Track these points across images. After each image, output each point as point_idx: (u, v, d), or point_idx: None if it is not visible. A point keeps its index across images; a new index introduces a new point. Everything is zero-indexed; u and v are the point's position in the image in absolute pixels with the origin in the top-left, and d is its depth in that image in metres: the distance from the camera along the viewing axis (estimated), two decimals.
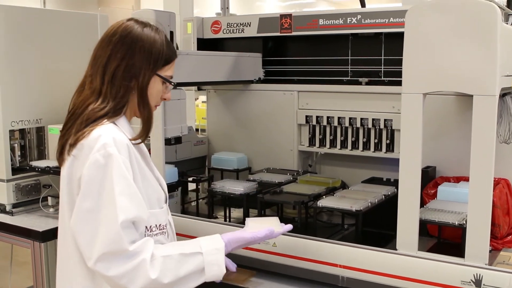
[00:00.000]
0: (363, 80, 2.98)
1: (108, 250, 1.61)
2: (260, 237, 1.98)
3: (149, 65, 1.78)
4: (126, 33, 1.79)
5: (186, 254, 1.75)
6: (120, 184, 1.63)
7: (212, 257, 1.79)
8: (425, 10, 1.97)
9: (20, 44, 3.13)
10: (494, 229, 2.26)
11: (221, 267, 1.80)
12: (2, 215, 3.12)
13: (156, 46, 1.79)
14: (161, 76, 1.81)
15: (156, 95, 1.83)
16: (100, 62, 1.78)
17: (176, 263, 1.71)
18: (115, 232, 1.60)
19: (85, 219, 1.64)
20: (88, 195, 1.64)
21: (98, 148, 1.65)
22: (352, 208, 2.35)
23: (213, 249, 1.80)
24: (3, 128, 3.07)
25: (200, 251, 1.77)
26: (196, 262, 1.75)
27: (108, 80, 1.76)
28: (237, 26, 3.26)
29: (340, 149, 3.01)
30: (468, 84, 1.90)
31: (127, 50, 1.77)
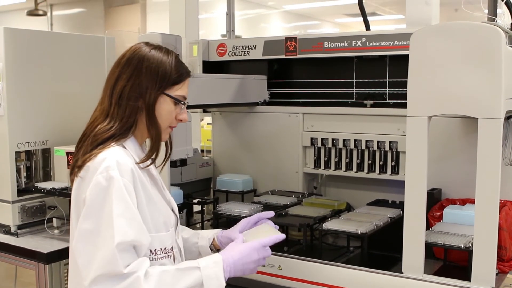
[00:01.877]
0: (368, 102, 2.98)
1: (103, 272, 1.60)
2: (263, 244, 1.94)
3: (155, 84, 1.79)
4: (134, 54, 1.83)
5: (183, 269, 1.72)
6: (119, 206, 1.64)
7: (210, 270, 1.75)
8: (430, 33, 1.98)
9: (27, 67, 3.15)
10: (501, 252, 2.24)
11: (220, 280, 1.76)
12: (7, 237, 3.11)
13: (163, 66, 1.81)
14: (170, 96, 1.82)
15: (166, 115, 1.84)
16: (109, 84, 1.83)
17: (172, 278, 1.69)
18: (111, 254, 1.60)
19: (84, 239, 1.65)
20: (89, 216, 1.65)
21: (101, 171, 1.67)
22: (357, 230, 2.34)
23: (210, 263, 1.77)
24: (9, 149, 3.08)
25: (198, 266, 1.74)
26: (193, 277, 1.72)
27: (115, 100, 1.79)
28: (243, 48, 3.28)
29: (345, 171, 3.01)
30: (473, 107, 1.90)
31: (133, 70, 1.80)
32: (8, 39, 3.05)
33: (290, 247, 2.63)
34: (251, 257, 1.88)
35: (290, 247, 2.63)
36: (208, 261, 1.78)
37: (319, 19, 17.60)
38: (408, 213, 2.07)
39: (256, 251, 1.89)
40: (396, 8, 13.96)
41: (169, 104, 1.83)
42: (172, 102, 1.83)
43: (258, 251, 1.90)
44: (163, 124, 1.84)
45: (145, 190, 1.77)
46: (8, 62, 3.06)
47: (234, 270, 1.83)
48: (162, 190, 1.91)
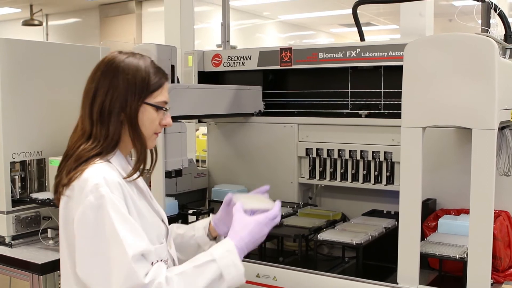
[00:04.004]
0: (363, 112, 2.99)
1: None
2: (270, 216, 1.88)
3: (134, 95, 1.75)
4: (108, 66, 1.78)
5: (200, 265, 1.70)
6: (119, 221, 1.62)
7: (227, 260, 1.73)
8: (424, 44, 2.00)
9: (22, 77, 3.16)
10: (496, 262, 2.25)
11: (238, 266, 1.74)
12: (1, 247, 3.10)
13: (140, 75, 1.76)
14: (151, 104, 1.78)
15: (150, 124, 1.80)
16: (86, 101, 1.78)
17: (192, 277, 1.67)
18: (128, 268, 1.58)
19: (93, 263, 1.62)
20: (90, 239, 1.62)
21: (91, 190, 1.63)
22: (352, 241, 2.34)
23: (224, 252, 1.74)
24: (4, 160, 3.08)
25: (213, 258, 1.72)
26: (212, 270, 1.70)
27: (96, 118, 1.74)
28: (238, 59, 3.29)
29: (340, 181, 3.01)
30: (467, 118, 1.91)
31: (110, 83, 1.75)
32: (3, 49, 3.05)
33: (285, 258, 2.62)
34: (261, 232, 1.85)
35: (285, 258, 2.63)
36: (221, 250, 1.75)
37: (314, 29, 17.67)
38: (403, 223, 2.07)
39: (265, 226, 1.85)
40: (391, 18, 14.03)
41: (151, 112, 1.79)
42: (154, 110, 1.79)
43: (267, 225, 1.86)
44: (147, 133, 1.81)
45: (135, 204, 1.75)
46: (3, 73, 3.06)
47: (247, 249, 1.81)
48: (150, 201, 1.88)
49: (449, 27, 12.02)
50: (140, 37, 13.50)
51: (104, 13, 14.14)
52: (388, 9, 12.42)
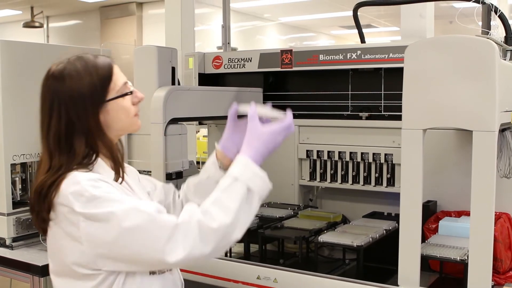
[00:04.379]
0: (363, 114, 2.99)
1: (166, 239, 1.57)
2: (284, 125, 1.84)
3: (89, 111, 1.70)
4: (49, 89, 1.75)
5: (225, 188, 1.67)
6: (119, 197, 1.62)
7: (248, 173, 1.70)
8: (425, 46, 2.00)
9: (22, 79, 3.16)
10: (496, 264, 2.25)
11: (261, 175, 1.71)
12: (2, 249, 3.10)
13: (85, 83, 1.70)
14: (114, 98, 1.74)
15: (125, 112, 1.78)
16: (44, 136, 1.76)
17: (224, 201, 1.65)
18: (159, 221, 1.58)
19: (123, 240, 1.59)
20: (105, 229, 1.59)
21: (74, 198, 1.60)
22: (353, 243, 2.34)
23: (242, 168, 1.71)
24: (4, 161, 3.08)
25: (234, 177, 1.69)
26: (238, 188, 1.67)
27: (55, 149, 1.71)
28: (238, 61, 3.29)
29: (341, 183, 3.01)
30: (467, 120, 1.91)
31: (58, 109, 1.71)
32: (4, 51, 3.05)
33: (286, 260, 2.63)
34: (275, 141, 1.81)
35: (286, 260, 2.63)
36: (239, 167, 1.72)
37: (314, 31, 17.68)
38: (403, 225, 2.07)
39: (279, 135, 1.81)
40: (391, 20, 14.04)
41: (120, 102, 1.76)
42: (119, 100, 1.76)
43: (281, 134, 1.82)
44: (128, 121, 1.79)
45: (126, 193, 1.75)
46: (4, 74, 3.06)
47: (262, 159, 1.78)
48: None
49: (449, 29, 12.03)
50: (141, 39, 13.51)
51: (104, 15, 14.15)
52: (389, 11, 12.43)
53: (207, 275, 2.51)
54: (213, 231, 1.60)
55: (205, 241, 1.59)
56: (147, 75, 2.69)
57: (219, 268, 2.49)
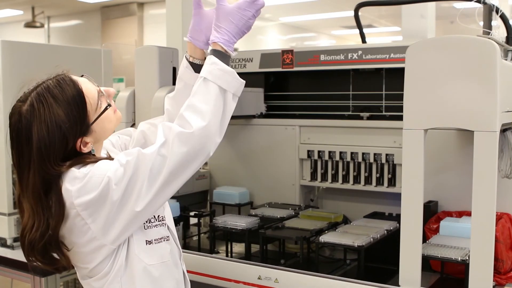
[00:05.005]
0: (364, 115, 2.99)
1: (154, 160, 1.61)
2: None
3: (72, 137, 1.68)
4: (26, 134, 1.66)
5: (196, 90, 1.69)
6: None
7: (216, 72, 1.70)
8: (426, 47, 1.99)
9: (24, 79, 3.15)
10: (498, 264, 2.24)
11: (229, 70, 1.72)
12: (3, 249, 3.10)
13: (62, 119, 1.66)
14: (97, 118, 1.74)
15: (108, 124, 1.79)
16: (24, 188, 1.67)
17: (198, 104, 1.66)
18: (152, 152, 1.62)
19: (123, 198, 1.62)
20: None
21: (67, 181, 1.64)
22: (354, 243, 2.34)
23: (209, 67, 1.71)
24: (5, 162, 3.08)
25: (202, 77, 1.70)
26: (209, 88, 1.69)
27: (37, 200, 1.65)
28: (239, 61, 3.29)
29: (342, 183, 3.01)
30: (469, 120, 1.91)
31: (36, 154, 1.63)
32: (5, 51, 3.06)
33: (286, 260, 2.62)
34: (245, 17, 1.77)
35: (287, 260, 2.63)
36: (206, 67, 1.72)
37: (315, 31, 17.68)
38: (404, 225, 2.07)
39: (246, 10, 1.78)
40: (392, 20, 14.03)
41: (104, 117, 1.76)
42: (102, 117, 1.76)
43: (249, 8, 1.78)
44: (113, 123, 1.81)
45: None
46: (5, 75, 3.06)
47: (236, 39, 1.78)
48: None
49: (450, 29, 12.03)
50: (142, 39, 13.52)
51: (105, 15, 14.15)
52: (390, 11, 12.42)
53: (208, 275, 2.51)
54: (190, 135, 1.62)
55: (185, 147, 1.62)
56: (148, 75, 2.70)
57: (220, 268, 2.49)
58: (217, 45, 1.76)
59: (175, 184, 1.66)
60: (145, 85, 2.72)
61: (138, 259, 1.74)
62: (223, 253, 2.80)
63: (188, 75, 2.00)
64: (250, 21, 1.79)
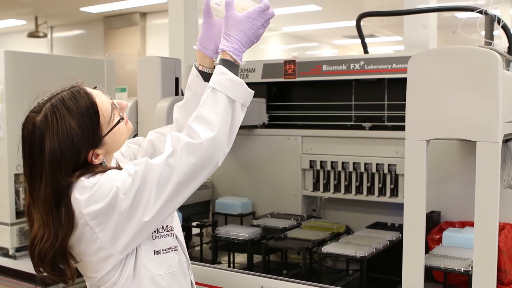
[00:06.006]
0: (367, 125, 3.00)
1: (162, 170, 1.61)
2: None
3: (86, 147, 1.68)
4: (39, 146, 1.68)
5: (205, 101, 1.68)
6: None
7: (224, 81, 1.69)
8: (428, 57, 2.00)
9: (27, 89, 3.16)
10: (500, 275, 2.24)
11: (237, 80, 1.72)
12: (5, 259, 3.10)
13: (75, 132, 1.66)
14: (110, 131, 1.74)
15: (120, 137, 1.79)
16: (35, 198, 1.68)
17: (207, 114, 1.65)
18: (159, 163, 1.62)
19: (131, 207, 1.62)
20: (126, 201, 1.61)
21: (76, 190, 1.64)
22: (356, 254, 2.34)
23: (218, 77, 1.70)
24: (8, 171, 3.09)
25: (211, 87, 1.68)
26: (217, 98, 1.67)
27: (50, 208, 1.65)
28: (242, 71, 3.30)
29: (344, 193, 3.01)
30: (471, 130, 1.91)
31: (53, 170, 1.64)
32: (8, 61, 3.07)
33: (289, 271, 2.62)
34: (254, 26, 1.77)
35: (289, 271, 2.62)
36: (215, 77, 1.71)
37: (317, 41, 17.71)
38: (407, 236, 2.06)
39: (256, 19, 1.78)
40: (394, 30, 14.05)
41: (115, 130, 1.76)
42: (114, 130, 1.76)
43: (259, 17, 1.78)
44: (125, 136, 1.82)
45: None
46: (9, 85, 3.08)
47: (245, 48, 1.78)
48: None
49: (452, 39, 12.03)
50: (144, 49, 13.55)
51: (108, 25, 14.19)
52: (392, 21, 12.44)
53: (211, 286, 2.51)
54: (198, 146, 1.62)
55: (194, 158, 1.61)
56: (151, 85, 2.70)
57: (223, 278, 2.49)
58: (226, 54, 1.76)
59: (183, 194, 1.66)
60: (147, 95, 2.73)
61: (146, 269, 1.74)
62: (225, 263, 2.79)
63: (197, 84, 2.00)
64: (260, 31, 1.79)
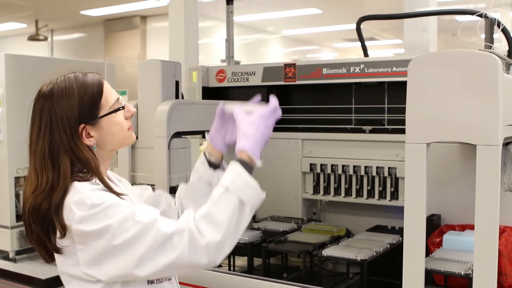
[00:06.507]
0: (367, 128, 3.00)
1: (151, 247, 1.60)
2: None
3: (68, 130, 1.71)
4: (38, 109, 1.76)
5: (217, 200, 1.67)
6: (120, 205, 1.64)
7: (239, 182, 1.70)
8: (428, 61, 2.00)
9: (27, 92, 3.14)
10: (501, 278, 2.23)
11: (252, 184, 1.72)
12: (5, 262, 3.10)
13: (72, 103, 1.73)
14: (106, 114, 1.78)
15: (120, 127, 1.81)
16: (31, 154, 1.74)
17: (215, 214, 1.64)
18: (156, 229, 1.61)
19: (116, 253, 1.61)
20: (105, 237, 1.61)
21: (78, 207, 1.63)
22: (357, 257, 2.34)
23: (233, 176, 1.72)
24: (8, 175, 3.09)
25: (225, 187, 1.69)
26: (229, 199, 1.67)
27: (41, 167, 1.69)
28: (242, 75, 3.30)
29: (345, 197, 3.01)
30: (471, 134, 1.91)
31: (45, 128, 1.71)
32: (9, 65, 3.07)
33: (289, 274, 2.62)
34: (267, 125, 1.86)
35: (290, 274, 2.62)
36: (230, 176, 1.72)
37: (317, 44, 17.74)
38: (407, 239, 2.06)
39: (268, 118, 1.87)
40: (394, 33, 14.07)
41: (114, 118, 1.80)
42: (112, 116, 1.79)
43: (270, 117, 1.87)
44: (121, 136, 1.82)
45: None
46: (9, 88, 3.08)
47: (261, 146, 1.84)
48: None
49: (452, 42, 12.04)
50: (145, 52, 13.57)
51: (108, 28, 14.22)
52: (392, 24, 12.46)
53: None
54: (202, 247, 1.61)
55: (194, 255, 1.61)
56: (151, 89, 2.70)
57: (223, 282, 2.49)
58: (244, 153, 1.80)
59: (169, 273, 1.72)
60: (148, 98, 2.73)
61: None
62: (226, 266, 2.79)
63: (203, 169, 2.06)
64: (271, 130, 1.88)
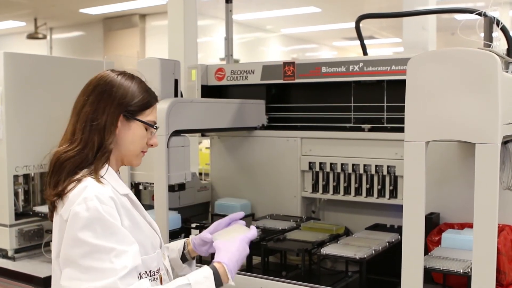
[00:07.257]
0: (366, 126, 3.00)
1: None
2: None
3: (113, 107, 1.81)
4: (99, 81, 1.87)
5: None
6: (108, 237, 1.64)
7: (202, 286, 1.75)
8: (427, 59, 2.00)
9: (26, 91, 3.17)
10: (500, 276, 2.24)
11: None
12: (4, 261, 3.10)
13: (125, 90, 1.84)
14: (141, 121, 1.85)
15: (139, 140, 1.87)
16: (74, 111, 1.88)
17: None
18: (113, 282, 1.60)
19: (81, 275, 1.62)
20: (77, 251, 1.62)
21: (79, 202, 1.66)
22: (356, 255, 2.34)
23: (201, 278, 1.77)
24: (7, 173, 3.09)
25: (188, 283, 1.73)
26: None
27: (80, 126, 1.82)
28: (241, 73, 3.30)
29: (344, 195, 3.01)
30: (470, 132, 1.91)
31: (97, 97, 1.83)
32: (8, 63, 3.07)
33: (288, 272, 2.62)
34: (246, 249, 1.95)
35: (289, 272, 2.62)
36: (199, 276, 1.78)
37: (317, 43, 17.72)
38: (406, 237, 2.06)
39: (247, 244, 1.97)
40: (393, 32, 14.06)
41: (141, 129, 1.86)
42: (143, 127, 1.87)
43: (247, 242, 1.98)
44: (135, 149, 1.88)
45: (129, 215, 1.78)
46: (8, 86, 3.08)
47: (238, 266, 1.89)
48: (143, 213, 1.91)
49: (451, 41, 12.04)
50: (144, 50, 13.55)
51: (108, 27, 14.20)
52: (391, 23, 12.45)
53: None
54: None
55: None
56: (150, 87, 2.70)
57: None
58: (222, 266, 1.84)
59: None
60: None
61: None
62: None
63: (175, 255, 2.14)
64: (247, 252, 1.96)
